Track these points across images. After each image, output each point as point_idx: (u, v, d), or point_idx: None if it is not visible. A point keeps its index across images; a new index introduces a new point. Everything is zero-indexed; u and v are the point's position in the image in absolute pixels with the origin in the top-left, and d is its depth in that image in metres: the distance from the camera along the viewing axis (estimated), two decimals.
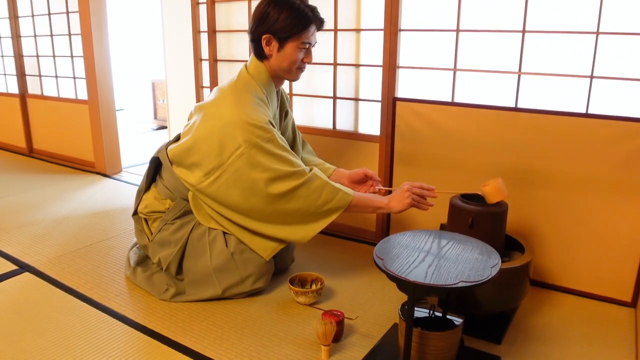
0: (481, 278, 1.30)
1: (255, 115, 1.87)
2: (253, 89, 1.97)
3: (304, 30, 1.92)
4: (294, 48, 1.94)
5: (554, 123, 2.01)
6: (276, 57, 1.97)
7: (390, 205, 1.93)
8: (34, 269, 2.30)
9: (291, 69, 2.00)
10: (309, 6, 1.94)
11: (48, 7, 4.04)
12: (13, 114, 4.60)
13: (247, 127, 1.84)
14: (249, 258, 1.99)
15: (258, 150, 1.85)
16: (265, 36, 1.93)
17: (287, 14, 1.89)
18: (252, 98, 1.93)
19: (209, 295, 2.01)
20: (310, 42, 1.97)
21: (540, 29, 2.02)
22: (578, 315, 1.95)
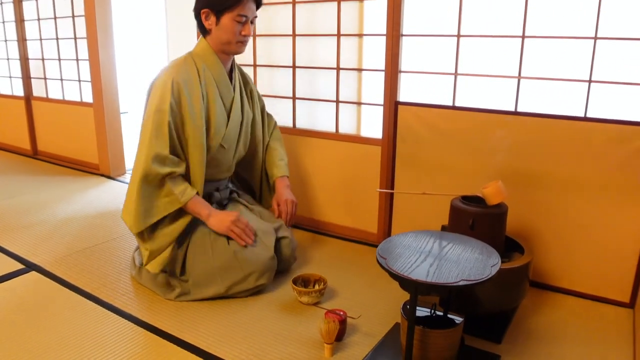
0: (481, 277, 1.33)
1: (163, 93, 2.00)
2: (185, 61, 2.10)
3: (238, 3, 2.01)
4: (231, 20, 2.03)
5: (553, 126, 2.05)
6: (215, 30, 2.07)
7: (209, 220, 2.06)
8: (40, 268, 2.34)
9: (230, 41, 2.08)
10: None
11: (54, 11, 4.09)
12: (18, 116, 4.64)
13: (158, 95, 2.01)
14: (251, 255, 2.03)
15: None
16: (204, 10, 2.05)
17: None
18: (179, 73, 2.04)
19: (212, 294, 2.04)
20: (247, 15, 2.05)
21: (540, 34, 2.05)
22: (577, 316, 1.99)
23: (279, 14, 2.77)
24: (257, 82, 2.94)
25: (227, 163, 2.27)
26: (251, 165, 2.46)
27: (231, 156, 2.28)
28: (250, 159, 2.44)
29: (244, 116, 2.28)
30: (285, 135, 2.81)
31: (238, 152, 2.31)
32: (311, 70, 2.72)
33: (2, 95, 4.81)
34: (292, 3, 2.68)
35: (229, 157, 2.26)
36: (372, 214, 2.63)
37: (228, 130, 2.19)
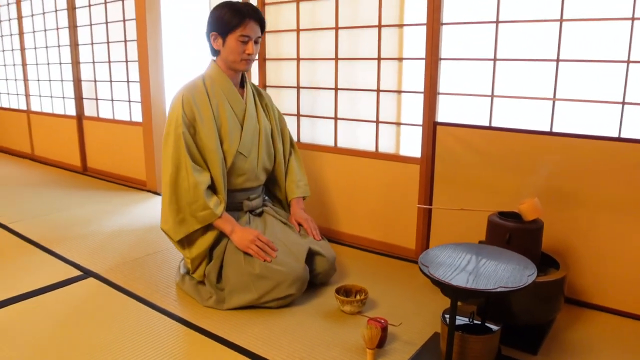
0: (518, 284, 1.42)
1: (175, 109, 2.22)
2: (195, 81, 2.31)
3: (240, 25, 2.19)
4: (235, 41, 2.21)
5: (587, 146, 2.12)
6: (223, 51, 2.27)
7: (232, 236, 2.22)
8: (97, 274, 2.49)
9: (236, 60, 2.26)
10: (249, 6, 2.23)
11: (107, 36, 4.33)
12: (70, 134, 4.90)
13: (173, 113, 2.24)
14: (281, 265, 2.13)
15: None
16: (212, 33, 2.25)
17: (224, 11, 2.21)
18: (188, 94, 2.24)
19: (246, 302, 2.13)
20: (249, 35, 2.22)
21: (574, 58, 2.14)
22: (612, 332, 2.02)
23: (322, 38, 2.91)
24: (299, 103, 3.09)
25: (253, 171, 2.39)
26: (277, 180, 2.58)
27: (255, 164, 2.39)
28: (275, 175, 2.56)
29: (261, 125, 2.42)
30: (326, 154, 2.94)
31: (262, 161, 2.42)
32: (352, 92, 2.85)
33: (55, 115, 5.08)
34: (335, 29, 2.83)
35: (252, 165, 2.37)
36: (410, 230, 2.72)
37: (243, 137, 2.33)
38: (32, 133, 5.47)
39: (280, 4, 3.05)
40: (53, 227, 3.21)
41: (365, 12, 2.72)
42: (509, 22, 2.26)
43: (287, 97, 3.14)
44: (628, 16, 1.99)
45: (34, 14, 5.11)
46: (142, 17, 3.83)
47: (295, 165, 2.60)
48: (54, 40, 4.91)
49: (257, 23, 2.25)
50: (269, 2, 3.10)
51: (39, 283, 2.38)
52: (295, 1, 2.98)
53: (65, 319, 2.07)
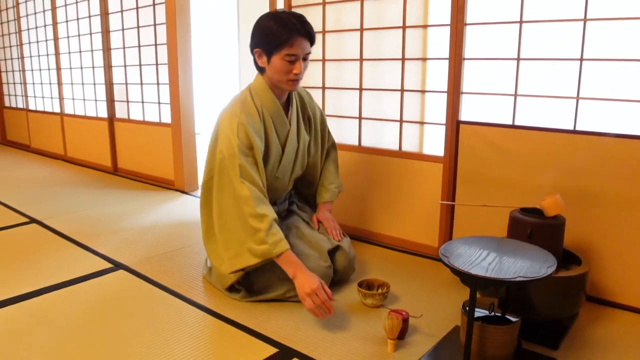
0: (538, 275, 1.44)
1: (230, 135, 2.08)
2: (245, 100, 2.17)
3: (286, 43, 1.99)
4: (280, 60, 2.03)
5: (611, 145, 2.12)
6: (268, 69, 2.10)
7: (295, 281, 1.99)
8: (127, 267, 2.58)
9: (282, 80, 2.10)
10: (298, 20, 2.01)
11: (138, 40, 4.46)
12: (101, 136, 5.04)
13: (222, 142, 2.10)
14: (307, 263, 2.14)
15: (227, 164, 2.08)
16: (256, 50, 2.09)
17: (270, 26, 2.00)
18: (239, 110, 2.12)
19: (273, 297, 2.17)
20: (296, 54, 2.02)
21: (597, 57, 2.14)
22: (635, 331, 2.02)
23: (347, 40, 2.97)
24: (325, 103, 3.14)
25: (283, 186, 2.41)
26: (308, 184, 2.58)
27: (287, 181, 2.40)
28: (308, 178, 2.55)
29: (300, 143, 2.35)
30: (351, 153, 2.99)
31: (294, 173, 2.42)
32: (377, 91, 2.90)
33: (88, 117, 5.23)
34: (360, 30, 2.88)
35: (284, 183, 2.39)
36: (433, 228, 2.74)
37: (282, 163, 2.30)
38: (65, 135, 5.64)
39: (307, 6, 3.12)
40: (85, 223, 3.32)
41: (389, 14, 2.76)
42: (533, 22, 2.28)
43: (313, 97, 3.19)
44: None
45: (68, 20, 5.28)
46: (173, 22, 3.93)
47: (330, 168, 2.55)
48: (87, 45, 5.07)
49: (306, 39, 2.04)
50: (295, 5, 3.17)
51: (72, 274, 2.48)
52: (321, 4, 3.04)
53: (97, 307, 2.16)
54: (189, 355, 1.79)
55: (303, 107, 2.40)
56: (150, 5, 4.24)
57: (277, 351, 1.82)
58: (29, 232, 3.16)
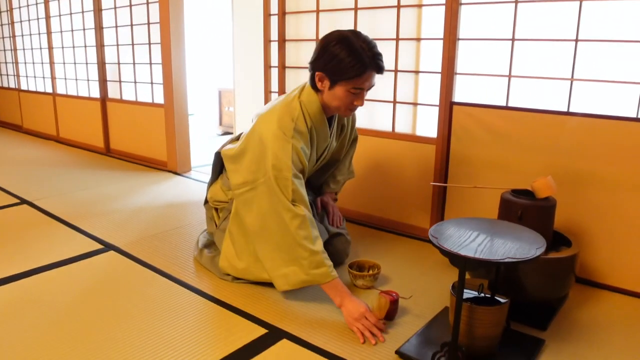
0: (526, 256, 1.44)
1: (282, 156, 1.94)
2: (297, 117, 2.01)
3: (356, 77, 1.89)
4: (344, 91, 1.93)
5: (604, 127, 2.11)
6: (327, 94, 1.99)
7: (343, 308, 1.89)
8: (118, 248, 2.57)
9: (340, 108, 2.02)
10: (372, 51, 1.90)
11: (131, 19, 4.40)
12: (94, 116, 5.00)
13: (273, 159, 1.95)
14: None
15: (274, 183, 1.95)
16: (318, 73, 1.96)
17: (344, 56, 1.87)
18: (291, 130, 1.97)
19: (264, 279, 2.13)
20: (363, 88, 1.94)
21: (592, 38, 2.12)
22: (623, 312, 2.03)
23: (341, 19, 2.93)
24: None
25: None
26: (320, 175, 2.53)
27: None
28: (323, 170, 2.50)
29: (330, 152, 2.30)
30: None
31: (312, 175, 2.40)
32: None
33: (80, 97, 5.19)
34: (355, 9, 2.84)
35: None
36: (425, 210, 2.74)
37: (313, 169, 2.29)
38: (58, 115, 5.59)
39: None
40: (77, 204, 3.30)
41: None
42: (528, 1, 2.26)
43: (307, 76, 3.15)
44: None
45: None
46: (165, 0, 3.87)
47: (346, 162, 2.50)
48: (79, 24, 5.00)
49: (376, 71, 1.94)
50: None
51: (63, 255, 2.47)
52: None
53: (87, 288, 2.15)
54: (179, 336, 1.79)
55: (340, 118, 2.30)
56: None
57: (266, 332, 1.83)
58: (19, 213, 3.14)
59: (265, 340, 1.77)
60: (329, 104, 2.03)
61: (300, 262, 1.94)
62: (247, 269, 2.14)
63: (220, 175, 2.42)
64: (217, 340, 1.77)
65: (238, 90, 4.69)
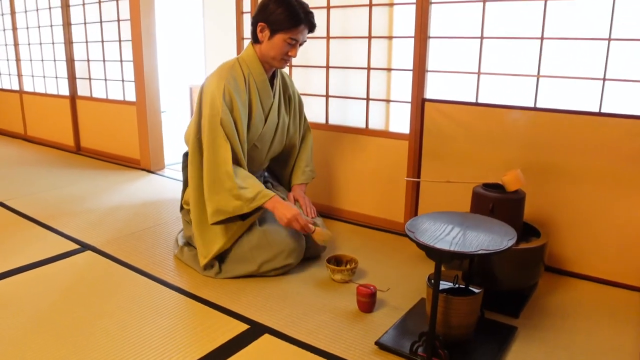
0: (499, 248, 1.50)
1: (216, 95, 2.16)
2: (232, 65, 2.25)
3: (293, 28, 2.16)
4: (282, 40, 2.18)
5: (569, 121, 2.19)
6: (266, 44, 2.22)
7: (275, 211, 2.18)
8: (94, 247, 2.56)
9: (276, 58, 2.23)
10: (305, 9, 2.19)
11: (100, 16, 4.34)
12: (63, 114, 4.92)
13: (210, 101, 2.18)
14: (280, 236, 2.21)
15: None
16: (261, 24, 2.19)
17: (282, 10, 2.14)
18: (226, 74, 2.20)
19: (246, 272, 2.22)
20: (298, 39, 2.20)
21: (557, 36, 2.21)
22: (590, 298, 2.12)
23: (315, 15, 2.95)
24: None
25: (260, 160, 2.45)
26: (284, 164, 2.63)
27: (264, 154, 2.45)
28: (284, 158, 2.61)
29: (280, 120, 2.42)
30: (318, 131, 3.01)
31: (272, 150, 2.47)
32: (344, 70, 2.91)
33: (49, 95, 5.10)
34: (327, 8, 2.88)
35: (261, 155, 2.44)
36: (399, 204, 2.80)
37: (263, 132, 2.36)
38: (25, 113, 5.49)
39: None
40: (49, 204, 3.27)
41: None
42: (496, 0, 2.33)
43: None
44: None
45: None
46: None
47: (306, 150, 2.63)
48: (46, 20, 4.91)
49: (308, 28, 2.23)
50: None
51: (37, 256, 2.45)
52: None
53: (65, 289, 2.14)
54: (161, 334, 1.81)
55: (284, 86, 2.48)
56: None
57: (248, 327, 1.86)
58: None
59: (248, 336, 1.80)
60: (266, 53, 2.24)
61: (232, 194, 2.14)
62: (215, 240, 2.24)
63: None
64: (199, 337, 1.79)
65: None
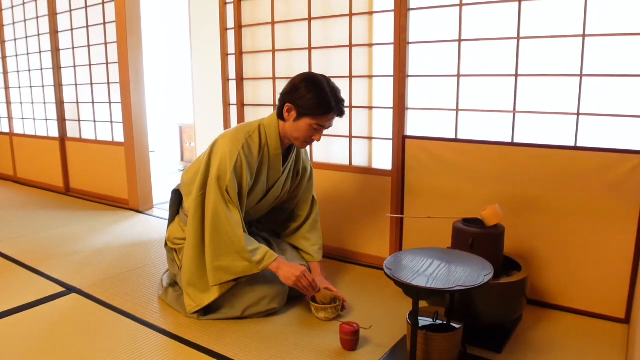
0: (475, 283, 1.52)
1: (227, 161, 2.14)
2: (252, 132, 2.22)
3: (321, 115, 2.12)
4: (308, 125, 2.14)
5: (546, 155, 2.24)
6: (291, 124, 2.18)
7: (279, 272, 2.17)
8: (80, 290, 2.55)
9: (299, 139, 2.20)
10: (337, 97, 2.14)
11: (89, 59, 4.42)
12: (52, 155, 4.94)
13: (220, 165, 2.15)
14: (264, 281, 2.21)
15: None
16: (289, 105, 2.15)
17: (313, 95, 2.09)
18: (242, 140, 2.18)
19: (229, 316, 2.22)
20: (325, 126, 2.16)
21: (531, 73, 2.27)
22: (574, 331, 2.13)
23: (297, 57, 3.03)
24: None
25: (253, 217, 2.49)
26: (282, 211, 2.58)
27: (258, 216, 2.49)
28: (283, 208, 2.57)
29: (283, 191, 2.42)
30: None
31: (261, 215, 2.51)
32: None
33: (38, 137, 5.13)
34: (309, 50, 2.95)
35: (256, 216, 2.48)
36: (384, 240, 2.82)
37: (261, 204, 2.38)
38: (15, 155, 5.51)
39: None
40: (36, 246, 3.26)
41: (337, 34, 2.85)
42: (472, 40, 2.40)
43: (266, 114, 3.22)
44: (579, 33, 2.14)
45: (17, 38, 5.19)
46: (124, 40, 3.92)
47: (315, 228, 2.57)
48: (36, 63, 4.99)
49: (338, 115, 2.18)
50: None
51: (21, 300, 2.44)
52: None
53: (50, 332, 2.13)
54: None
55: (297, 161, 2.45)
56: (101, 23, 4.22)
57: None
58: None
59: None
60: (289, 133, 2.21)
61: (241, 254, 2.13)
62: (208, 290, 2.21)
63: (178, 214, 2.45)
64: None
65: (199, 125, 4.73)
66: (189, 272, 2.24)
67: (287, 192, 2.47)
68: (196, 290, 2.23)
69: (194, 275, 2.23)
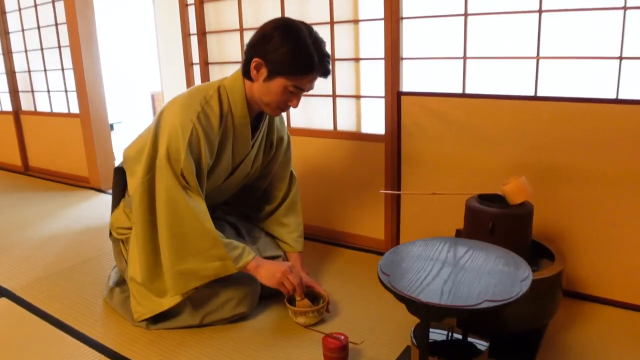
0: (510, 296, 1.08)
1: (180, 136, 1.71)
2: (210, 97, 1.78)
3: (300, 75, 1.68)
4: (282, 87, 1.70)
5: (579, 111, 1.84)
6: (260, 85, 1.74)
7: (258, 271, 1.77)
8: (11, 293, 2.14)
9: (270, 104, 1.77)
10: (320, 51, 1.69)
11: (37, 21, 3.97)
12: (7, 131, 4.52)
13: (169, 141, 1.72)
14: (228, 280, 1.78)
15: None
16: (257, 59, 1.70)
17: (289, 48, 1.65)
18: (198, 108, 1.74)
19: (185, 324, 1.81)
20: (304, 88, 1.73)
21: (559, 8, 1.85)
22: (618, 329, 1.75)
23: (267, 3, 2.60)
24: None
25: (217, 200, 2.06)
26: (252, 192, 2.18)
27: (223, 198, 2.08)
28: (254, 189, 2.16)
29: (253, 169, 2.01)
30: None
31: (232, 193, 2.08)
32: None
33: None
34: None
35: (220, 198, 2.07)
36: (378, 219, 2.45)
37: (226, 183, 1.95)
38: None
39: None
40: None
41: None
42: None
43: (231, 46, 2.82)
44: None
45: None
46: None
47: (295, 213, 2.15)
48: None
49: (321, 75, 1.74)
50: None
51: None
52: None
53: None
54: None
55: (270, 130, 2.02)
56: None
57: None
58: None
59: None
60: (258, 97, 1.77)
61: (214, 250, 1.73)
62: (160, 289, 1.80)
63: (123, 197, 2.00)
64: None
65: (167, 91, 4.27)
66: (136, 271, 1.82)
67: (259, 168, 2.03)
68: (147, 294, 1.81)
69: (142, 276, 1.80)
